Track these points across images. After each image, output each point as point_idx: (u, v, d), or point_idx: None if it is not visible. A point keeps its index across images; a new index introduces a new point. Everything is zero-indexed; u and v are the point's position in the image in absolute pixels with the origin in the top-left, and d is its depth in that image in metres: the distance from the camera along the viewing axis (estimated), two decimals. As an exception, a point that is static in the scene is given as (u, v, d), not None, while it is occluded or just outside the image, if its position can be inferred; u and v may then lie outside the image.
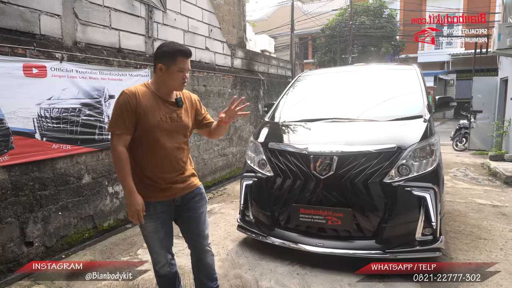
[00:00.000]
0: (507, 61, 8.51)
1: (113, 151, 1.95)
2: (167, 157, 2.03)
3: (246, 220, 3.57)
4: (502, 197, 5.32)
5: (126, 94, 1.96)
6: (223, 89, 6.80)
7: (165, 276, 2.22)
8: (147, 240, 2.14)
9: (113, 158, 1.96)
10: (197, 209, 2.19)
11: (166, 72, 1.98)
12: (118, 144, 1.93)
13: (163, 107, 2.03)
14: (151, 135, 1.99)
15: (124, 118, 1.93)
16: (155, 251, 2.14)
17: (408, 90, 3.94)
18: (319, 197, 3.07)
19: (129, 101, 1.94)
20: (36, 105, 3.41)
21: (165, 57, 1.97)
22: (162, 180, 2.04)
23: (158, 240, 2.11)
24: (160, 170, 2.03)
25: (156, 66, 1.99)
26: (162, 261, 2.17)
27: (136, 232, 4.11)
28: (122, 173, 1.94)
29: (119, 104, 1.96)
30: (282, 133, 3.70)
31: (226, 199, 5.52)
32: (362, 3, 21.38)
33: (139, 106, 1.95)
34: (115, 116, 1.95)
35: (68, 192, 3.74)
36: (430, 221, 2.89)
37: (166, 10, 5.31)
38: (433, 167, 3.04)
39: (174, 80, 2.00)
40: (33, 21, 3.45)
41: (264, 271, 3.07)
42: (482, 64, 10.62)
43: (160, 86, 2.04)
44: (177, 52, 1.97)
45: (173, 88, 2.05)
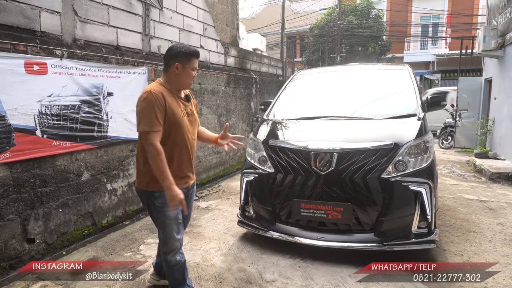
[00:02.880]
0: (491, 62, 8.81)
1: (152, 148, 2.04)
2: (189, 149, 2.27)
3: (246, 215, 3.65)
4: (488, 192, 5.54)
5: (154, 93, 2.08)
6: (217, 87, 6.85)
7: (177, 264, 2.32)
8: (166, 227, 2.25)
9: (153, 155, 2.04)
10: (192, 200, 2.53)
11: (182, 71, 2.19)
12: (156, 141, 2.05)
13: (180, 103, 2.26)
14: (178, 129, 2.17)
15: (157, 115, 2.06)
16: (173, 237, 2.26)
17: (401, 90, 4.08)
18: (319, 192, 3.17)
19: (159, 99, 2.08)
20: (37, 102, 3.40)
21: (182, 57, 2.18)
22: (183, 169, 2.27)
23: (177, 225, 2.26)
24: (182, 160, 2.25)
25: (173, 65, 2.18)
26: (177, 247, 2.30)
27: (136, 228, 4.14)
28: (163, 168, 2.05)
29: (150, 102, 2.06)
30: (281, 130, 3.79)
31: (221, 196, 5.58)
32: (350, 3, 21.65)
33: (167, 103, 2.11)
34: (148, 115, 2.05)
35: (68, 189, 3.75)
36: (426, 214, 3.03)
37: (163, 8, 5.33)
38: (427, 163, 3.18)
39: (187, 77, 2.23)
40: (34, 18, 3.44)
41: (267, 265, 3.15)
42: (467, 65, 10.94)
43: (173, 84, 2.23)
44: (191, 53, 2.21)
45: (185, 85, 2.28)
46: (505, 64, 7.67)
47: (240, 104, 7.84)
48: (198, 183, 6.24)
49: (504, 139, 7.57)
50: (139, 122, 2.10)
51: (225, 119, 7.15)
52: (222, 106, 7.05)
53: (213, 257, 3.36)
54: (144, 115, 2.07)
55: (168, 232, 2.26)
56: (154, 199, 2.21)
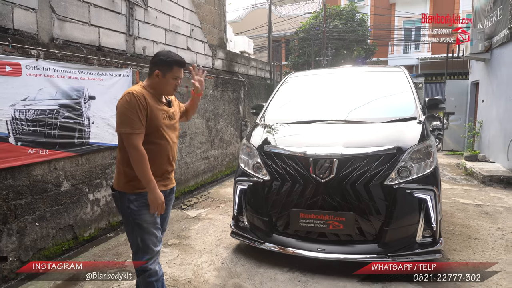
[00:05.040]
0: (478, 65, 8.86)
1: (135, 150, 2.01)
2: (170, 151, 2.22)
3: (240, 226, 3.42)
4: (482, 196, 5.48)
5: (136, 95, 2.04)
6: (204, 90, 6.61)
7: (155, 274, 2.17)
8: (143, 233, 2.14)
9: (136, 157, 2.02)
10: (169, 206, 2.38)
11: (162, 79, 2.14)
12: (139, 143, 2.03)
13: (163, 107, 2.21)
14: (159, 132, 2.14)
15: (139, 117, 2.02)
16: (152, 242, 2.16)
17: (399, 92, 3.94)
18: (319, 201, 2.98)
19: (141, 101, 2.04)
20: (9, 106, 3.11)
21: (162, 65, 2.13)
22: (163, 172, 2.21)
23: (156, 229, 2.19)
24: (163, 163, 2.20)
25: (154, 72, 2.14)
26: (155, 254, 2.19)
27: (121, 241, 3.86)
28: (146, 170, 2.03)
29: (131, 104, 2.01)
30: (276, 135, 3.58)
31: (211, 203, 5.34)
32: (335, 7, 21.77)
33: (148, 105, 2.06)
34: (130, 117, 2.01)
35: (45, 200, 3.45)
36: (431, 223, 2.88)
37: (148, 7, 5.08)
38: (431, 169, 3.02)
39: (168, 86, 2.18)
40: (5, 14, 3.16)
41: (264, 280, 2.93)
42: (453, 68, 11.04)
43: (156, 90, 2.19)
44: (173, 62, 2.15)
45: (166, 93, 2.24)
46: (492, 67, 7.71)
47: (228, 107, 7.61)
48: (186, 190, 5.98)
49: (493, 142, 7.58)
50: (120, 123, 2.03)
51: (213, 124, 6.92)
52: (210, 110, 6.81)
53: (206, 272, 3.12)
54: (126, 116, 2.02)
55: (146, 238, 2.14)
56: (130, 203, 2.11)
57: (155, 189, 2.06)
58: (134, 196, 2.11)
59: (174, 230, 4.16)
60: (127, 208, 2.13)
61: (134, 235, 2.17)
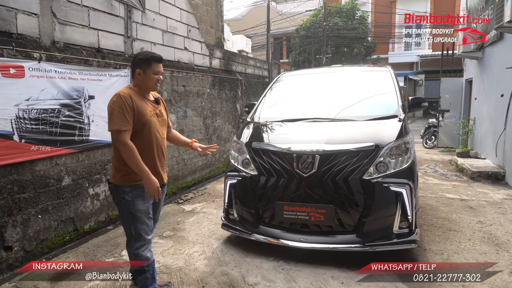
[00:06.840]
0: (472, 63, 9.00)
1: (124, 146, 2.22)
2: (158, 147, 2.44)
3: (230, 218, 3.64)
4: (468, 191, 5.66)
5: (122, 95, 2.26)
6: (202, 89, 6.82)
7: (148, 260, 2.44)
8: (137, 222, 2.38)
9: (126, 152, 2.23)
10: (162, 199, 2.62)
11: (144, 76, 2.38)
12: (127, 139, 2.24)
13: (149, 104, 2.45)
14: (146, 129, 2.35)
15: (126, 115, 2.24)
16: (144, 231, 2.41)
17: (383, 91, 4.12)
18: (302, 194, 3.18)
19: (127, 101, 2.26)
20: (14, 106, 3.33)
21: (141, 63, 2.37)
22: (154, 166, 2.41)
23: (148, 219, 2.42)
24: (153, 157, 2.42)
25: (135, 71, 2.39)
26: (147, 242, 2.44)
27: (119, 233, 4.09)
28: (138, 161, 2.24)
29: (118, 104, 2.24)
30: (264, 132, 3.79)
31: (207, 198, 5.56)
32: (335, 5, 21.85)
33: (135, 104, 2.28)
34: (118, 115, 2.23)
35: (48, 194, 3.67)
36: (406, 215, 3.07)
37: (145, 10, 5.28)
38: (408, 164, 3.22)
39: (150, 81, 2.41)
40: (10, 20, 3.37)
41: (250, 268, 3.15)
42: (449, 65, 11.16)
43: (141, 88, 2.43)
44: (151, 59, 2.38)
45: (150, 89, 2.47)
46: (484, 65, 7.85)
47: (225, 106, 7.82)
48: (184, 186, 6.20)
49: (484, 139, 7.74)
50: (110, 122, 2.27)
51: (210, 121, 7.13)
52: (208, 108, 7.02)
53: (196, 261, 3.34)
54: (114, 115, 2.24)
55: (139, 228, 2.39)
56: (125, 194, 2.35)
57: (150, 176, 2.26)
58: (128, 188, 2.36)
59: (169, 222, 4.39)
60: (122, 199, 2.37)
61: (128, 224, 2.43)
